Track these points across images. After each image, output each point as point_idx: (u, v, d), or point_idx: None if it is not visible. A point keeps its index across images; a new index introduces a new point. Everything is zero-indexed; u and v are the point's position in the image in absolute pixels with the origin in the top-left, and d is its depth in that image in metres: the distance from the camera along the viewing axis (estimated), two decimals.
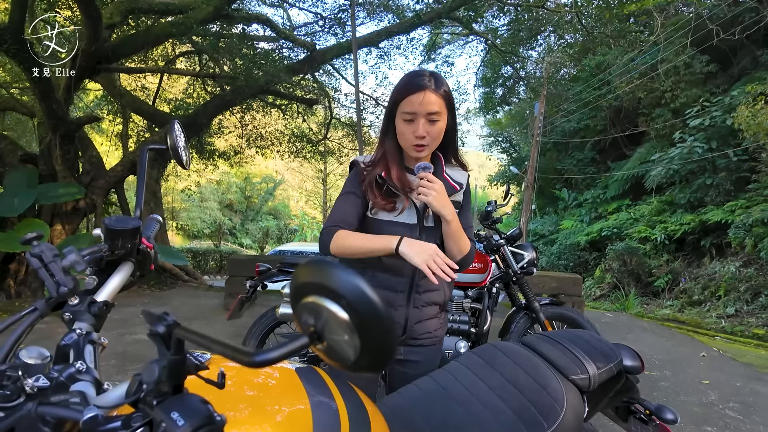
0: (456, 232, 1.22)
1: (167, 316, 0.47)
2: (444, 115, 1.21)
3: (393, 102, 1.22)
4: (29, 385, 0.52)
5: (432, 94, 1.16)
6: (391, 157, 1.26)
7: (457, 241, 1.24)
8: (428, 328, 1.31)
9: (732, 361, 3.83)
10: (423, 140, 1.19)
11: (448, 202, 1.19)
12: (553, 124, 16.48)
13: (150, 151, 1.00)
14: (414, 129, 1.18)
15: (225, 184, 25.81)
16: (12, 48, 4.38)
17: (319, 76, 9.55)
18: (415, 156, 1.24)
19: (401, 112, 1.20)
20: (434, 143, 1.23)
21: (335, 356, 0.44)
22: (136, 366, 3.01)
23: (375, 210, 1.26)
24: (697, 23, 10.30)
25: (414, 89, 1.17)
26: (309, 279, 0.43)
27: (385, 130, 1.28)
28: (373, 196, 1.24)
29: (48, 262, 0.67)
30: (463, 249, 1.26)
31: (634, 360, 1.21)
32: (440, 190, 1.16)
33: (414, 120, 1.18)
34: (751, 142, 8.56)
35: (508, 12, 8.89)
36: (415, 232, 1.25)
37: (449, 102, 1.22)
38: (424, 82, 1.17)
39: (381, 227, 1.25)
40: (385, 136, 1.28)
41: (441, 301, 1.33)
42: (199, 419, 0.43)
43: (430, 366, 1.34)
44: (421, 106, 1.16)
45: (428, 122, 1.18)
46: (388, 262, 1.24)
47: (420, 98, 1.16)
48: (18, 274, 5.42)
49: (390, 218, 1.25)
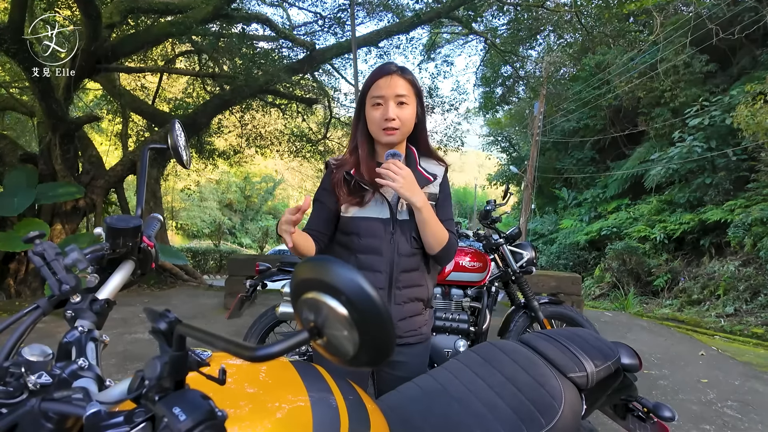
0: (429, 221, 1.20)
1: (169, 313, 0.47)
2: (412, 101, 1.22)
3: (362, 92, 1.25)
4: (32, 382, 0.53)
5: (399, 78, 1.20)
6: (362, 151, 1.26)
7: (432, 232, 1.21)
8: (413, 326, 1.29)
9: (730, 360, 3.83)
10: (393, 122, 1.19)
11: (417, 190, 1.17)
12: (553, 123, 16.48)
13: (150, 150, 1.00)
14: (383, 112, 1.19)
15: (225, 184, 25.80)
16: (11, 48, 4.38)
17: (319, 76, 9.56)
18: (386, 141, 1.23)
19: (370, 98, 1.22)
20: (405, 128, 1.22)
21: (335, 351, 0.45)
22: (136, 365, 3.01)
23: (345, 207, 1.26)
24: (697, 23, 10.31)
25: (381, 74, 1.20)
26: (309, 275, 0.44)
27: (356, 123, 1.29)
28: (342, 194, 1.25)
29: (50, 260, 0.67)
30: (440, 239, 1.23)
31: (632, 358, 1.21)
32: (408, 177, 1.16)
33: (383, 103, 1.20)
34: (750, 141, 8.57)
35: (508, 11, 8.90)
36: (389, 225, 1.24)
37: (417, 90, 1.23)
38: (391, 68, 1.21)
39: (355, 224, 1.25)
40: (356, 130, 1.29)
41: (424, 297, 1.31)
42: (200, 414, 0.43)
43: (419, 366, 1.32)
44: (389, 88, 1.19)
45: (397, 105, 1.19)
46: (364, 258, 1.24)
47: (387, 81, 1.19)
48: (18, 274, 5.43)
49: (363, 214, 1.24)
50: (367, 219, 1.24)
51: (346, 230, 1.27)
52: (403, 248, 1.24)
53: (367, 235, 1.23)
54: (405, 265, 1.25)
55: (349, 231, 1.26)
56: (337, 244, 1.30)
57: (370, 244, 1.23)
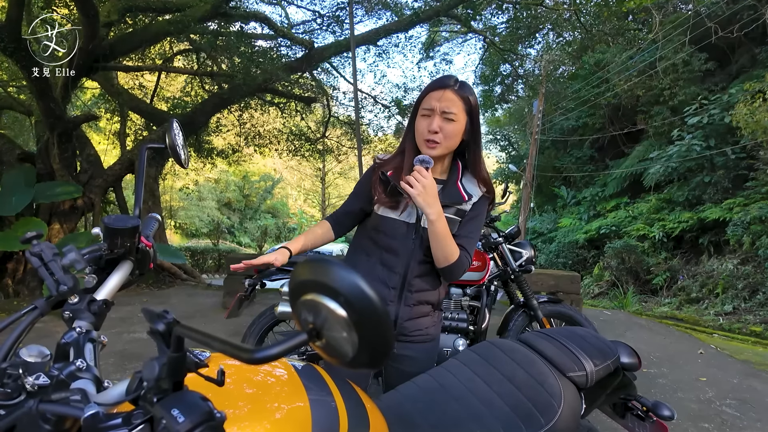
0: (440, 235, 1.18)
1: (167, 313, 0.47)
2: (462, 118, 1.21)
3: (417, 101, 1.26)
4: (30, 383, 0.53)
5: (452, 93, 1.19)
6: (407, 157, 1.28)
7: (442, 246, 1.20)
8: (419, 326, 1.31)
9: (729, 358, 3.84)
10: (435, 135, 1.20)
11: (434, 201, 1.17)
12: (552, 122, 16.48)
13: (148, 149, 1.00)
14: (428, 123, 1.20)
15: (223, 183, 25.75)
16: (9, 46, 4.36)
17: (318, 75, 9.53)
18: (427, 153, 1.23)
19: (421, 109, 1.23)
20: (447, 142, 1.21)
21: (334, 353, 0.45)
22: (134, 365, 3.01)
23: (378, 206, 1.28)
24: (696, 21, 10.31)
25: (436, 86, 1.21)
26: (308, 277, 0.44)
27: (407, 130, 1.31)
28: (378, 192, 1.27)
29: (48, 260, 0.67)
30: (449, 256, 1.21)
31: (632, 357, 1.21)
32: (428, 187, 1.16)
33: (431, 115, 1.20)
34: (749, 139, 8.58)
35: (507, 10, 8.88)
36: (411, 230, 1.26)
37: (470, 108, 1.22)
38: (448, 82, 1.21)
39: (382, 223, 1.28)
40: (406, 136, 1.31)
41: (434, 301, 1.33)
42: (199, 416, 0.43)
43: (427, 363, 1.34)
44: (440, 102, 1.19)
45: (443, 119, 1.19)
46: (386, 256, 1.27)
47: (440, 95, 1.19)
48: (16, 274, 5.42)
49: (391, 215, 1.27)
50: (394, 220, 1.27)
51: (376, 227, 1.30)
52: (420, 255, 1.27)
53: (390, 235, 1.27)
54: (419, 271, 1.27)
55: (379, 228, 1.29)
56: (367, 237, 1.33)
57: (391, 244, 1.27)
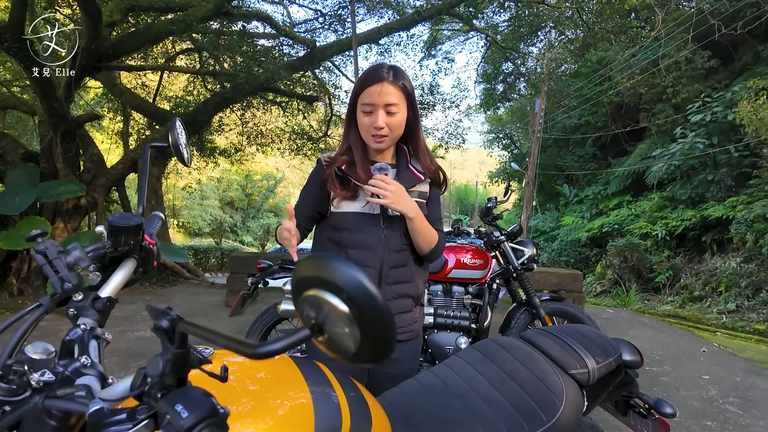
0: (421, 227, 1.23)
1: (171, 310, 0.48)
2: (403, 107, 1.22)
3: (354, 95, 1.25)
4: (35, 380, 0.53)
5: (390, 85, 1.19)
6: (355, 150, 1.27)
7: (424, 237, 1.25)
8: (402, 323, 1.29)
9: (732, 357, 3.83)
10: (381, 131, 1.21)
11: (408, 200, 1.19)
12: (554, 120, 16.44)
13: (151, 148, 1.00)
14: (373, 120, 1.20)
15: (226, 182, 25.81)
16: (12, 46, 4.39)
17: (320, 73, 9.54)
18: (375, 147, 1.25)
19: (361, 104, 1.22)
20: (394, 134, 1.24)
21: (336, 348, 0.45)
22: (138, 362, 3.02)
23: (337, 201, 1.27)
24: (699, 18, 10.24)
25: (372, 81, 1.20)
26: (310, 273, 0.44)
27: (348, 123, 1.30)
28: (335, 188, 1.25)
29: (52, 258, 0.67)
30: (431, 242, 1.27)
31: (634, 354, 1.21)
32: (397, 191, 1.17)
33: (373, 111, 1.20)
34: (752, 137, 8.54)
35: (509, 8, 8.88)
36: (379, 221, 1.25)
37: (408, 95, 1.23)
38: (382, 74, 1.20)
39: (346, 219, 1.26)
40: (348, 129, 1.30)
41: (414, 294, 1.31)
42: (202, 411, 0.43)
43: (411, 362, 1.33)
44: (379, 97, 1.18)
45: (387, 113, 1.20)
46: (354, 253, 1.25)
47: (378, 89, 1.18)
48: (20, 272, 5.45)
49: (354, 209, 1.26)
50: (358, 214, 1.25)
51: (336, 225, 1.28)
52: (393, 244, 1.25)
53: (357, 231, 1.25)
54: (395, 261, 1.26)
55: (339, 226, 1.27)
56: (327, 240, 1.31)
57: (360, 239, 1.25)
